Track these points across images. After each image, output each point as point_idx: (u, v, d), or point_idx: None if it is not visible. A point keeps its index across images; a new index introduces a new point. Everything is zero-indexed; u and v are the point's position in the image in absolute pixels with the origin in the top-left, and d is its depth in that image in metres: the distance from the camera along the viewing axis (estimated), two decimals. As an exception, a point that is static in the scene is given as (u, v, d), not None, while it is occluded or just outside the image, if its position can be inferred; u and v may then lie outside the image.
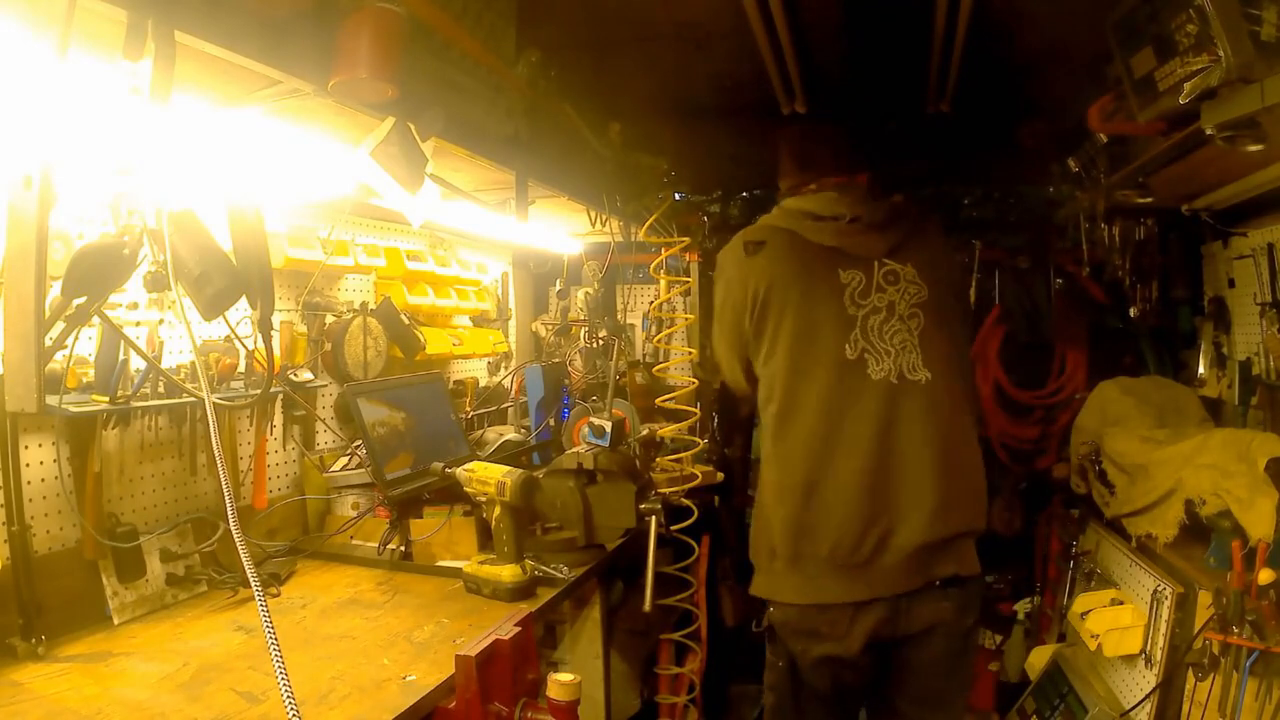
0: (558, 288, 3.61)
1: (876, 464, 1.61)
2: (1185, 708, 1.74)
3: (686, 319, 3.22)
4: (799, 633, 1.71)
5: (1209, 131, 1.42)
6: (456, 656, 1.30)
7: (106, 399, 1.58)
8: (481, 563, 1.80)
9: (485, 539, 1.97)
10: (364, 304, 2.48)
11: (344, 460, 2.27)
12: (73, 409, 1.53)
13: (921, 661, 1.71)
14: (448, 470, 1.95)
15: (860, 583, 1.63)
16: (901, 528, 1.60)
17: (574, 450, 2.07)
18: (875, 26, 1.88)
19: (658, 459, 2.61)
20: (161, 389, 1.70)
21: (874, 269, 1.68)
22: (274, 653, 0.88)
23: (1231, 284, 2.47)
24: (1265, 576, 1.58)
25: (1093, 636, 1.98)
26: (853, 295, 1.66)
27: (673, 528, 2.18)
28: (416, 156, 1.61)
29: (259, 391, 1.81)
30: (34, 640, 1.43)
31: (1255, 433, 1.91)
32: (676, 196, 2.98)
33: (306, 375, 2.18)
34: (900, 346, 1.65)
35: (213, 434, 1.12)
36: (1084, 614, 2.05)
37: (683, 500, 2.40)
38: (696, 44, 1.97)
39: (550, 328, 3.56)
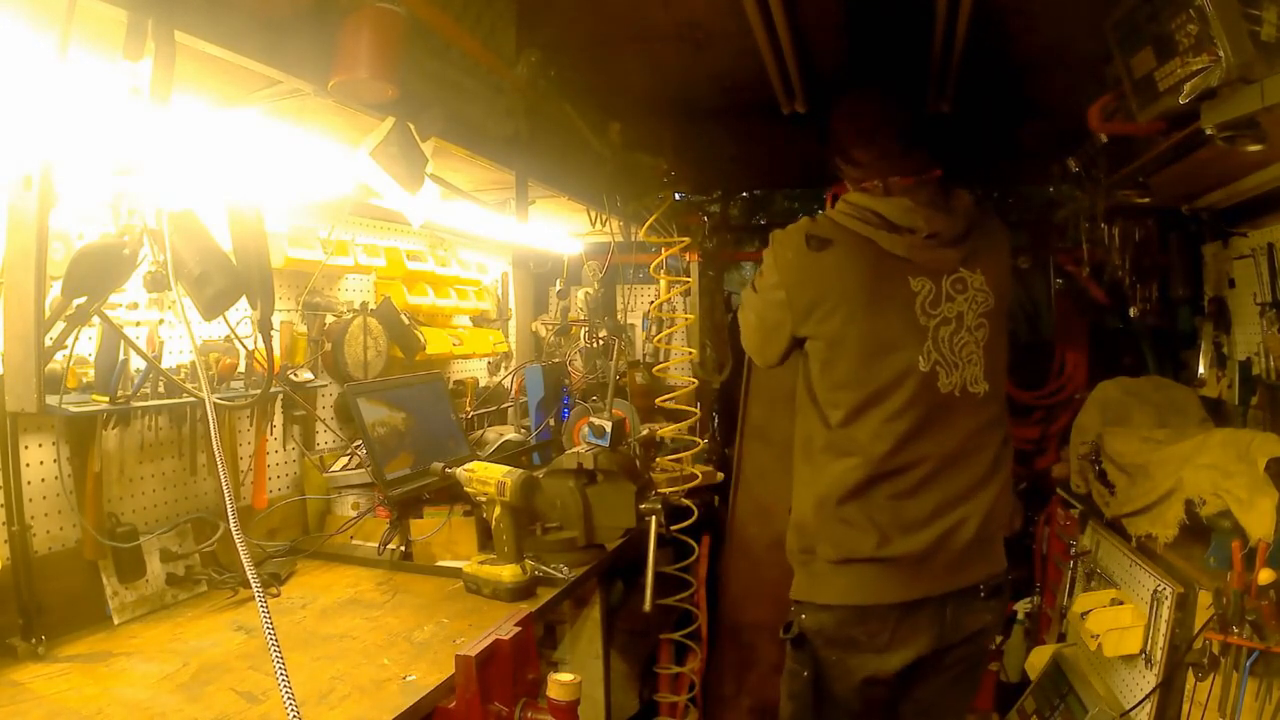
0: (558, 288, 3.61)
1: (936, 469, 1.56)
2: (1185, 708, 1.74)
3: (686, 319, 3.22)
4: (833, 642, 1.61)
5: (1209, 131, 1.42)
6: (456, 656, 1.30)
7: (106, 399, 1.58)
8: (481, 563, 1.80)
9: (485, 539, 1.97)
10: (364, 304, 2.48)
11: (344, 460, 2.27)
12: (73, 409, 1.53)
13: (943, 668, 1.64)
14: (448, 470, 1.95)
15: (911, 580, 1.56)
16: (960, 526, 1.56)
17: (574, 450, 2.07)
18: (875, 26, 1.88)
19: (658, 459, 2.62)
20: (161, 389, 1.70)
21: (943, 278, 1.58)
22: (274, 653, 0.87)
23: (1231, 284, 2.47)
24: (1265, 576, 1.58)
25: (1093, 636, 1.98)
26: (924, 305, 1.57)
27: (673, 528, 2.19)
28: (416, 156, 1.61)
29: (259, 391, 1.81)
30: (34, 640, 1.43)
31: (1255, 433, 1.91)
32: (676, 196, 2.98)
33: (306, 375, 2.18)
34: (967, 359, 1.58)
35: (213, 434, 1.12)
36: (1084, 614, 2.05)
37: (683, 500, 2.40)
38: (696, 44, 1.97)
39: (550, 328, 3.56)
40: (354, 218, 2.49)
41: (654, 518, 1.94)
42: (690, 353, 3.18)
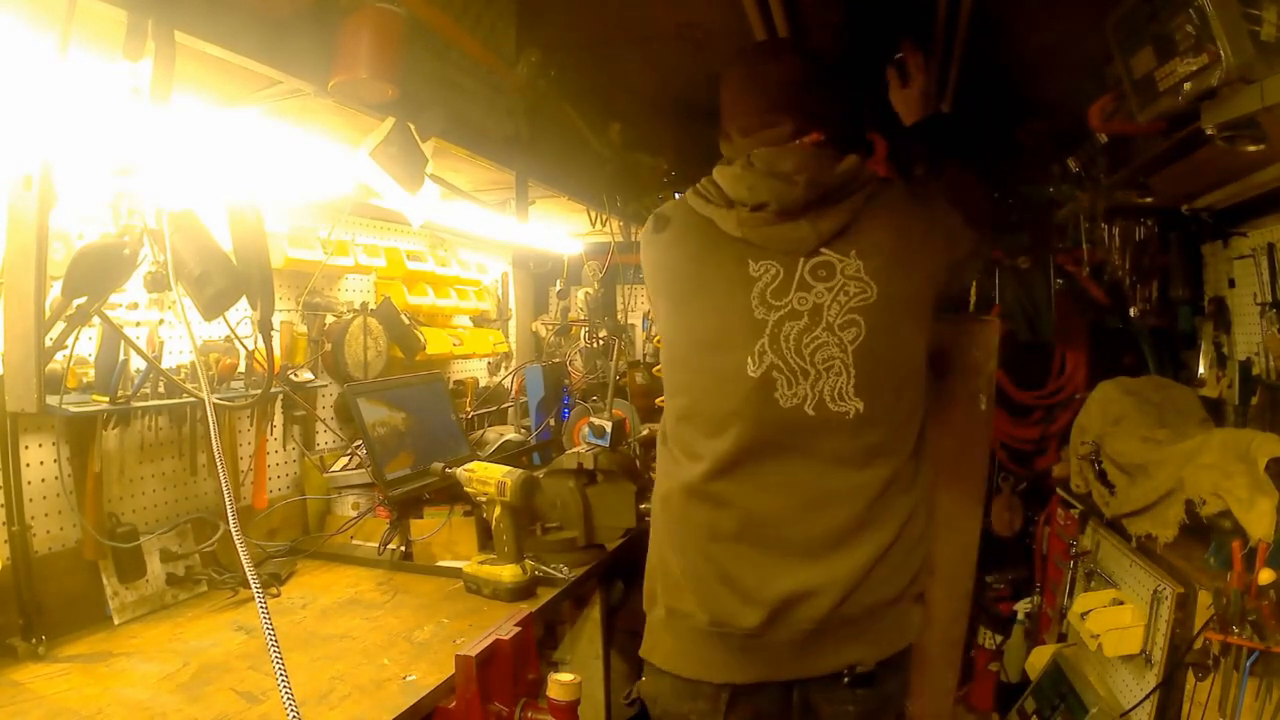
0: (558, 288, 3.61)
1: (778, 513, 1.23)
2: (1185, 708, 1.74)
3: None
4: (667, 716, 1.34)
5: (1209, 131, 1.42)
6: (456, 656, 1.30)
7: (106, 399, 1.58)
8: (481, 563, 1.80)
9: (485, 539, 1.97)
10: (364, 304, 2.47)
11: (344, 460, 2.27)
12: (73, 409, 1.53)
13: None
14: (448, 470, 1.95)
15: (744, 657, 1.25)
16: (804, 600, 1.21)
17: (574, 450, 2.07)
18: (875, 26, 1.88)
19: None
20: (161, 389, 1.70)
21: (798, 261, 1.23)
22: (274, 653, 0.87)
23: (1231, 284, 2.47)
24: (1265, 576, 1.58)
25: (1093, 636, 1.98)
26: (764, 294, 1.23)
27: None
28: (416, 156, 1.62)
29: (259, 391, 1.81)
30: (34, 640, 1.43)
31: (1255, 433, 1.90)
32: (676, 196, 2.98)
33: (306, 375, 2.18)
34: (824, 366, 1.21)
35: (213, 434, 1.12)
36: (1084, 614, 2.05)
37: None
38: (696, 44, 1.97)
39: (550, 328, 3.56)
40: (354, 218, 2.49)
41: (654, 518, 1.94)
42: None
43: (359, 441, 2.15)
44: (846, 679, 1.24)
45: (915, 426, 1.28)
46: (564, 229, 3.23)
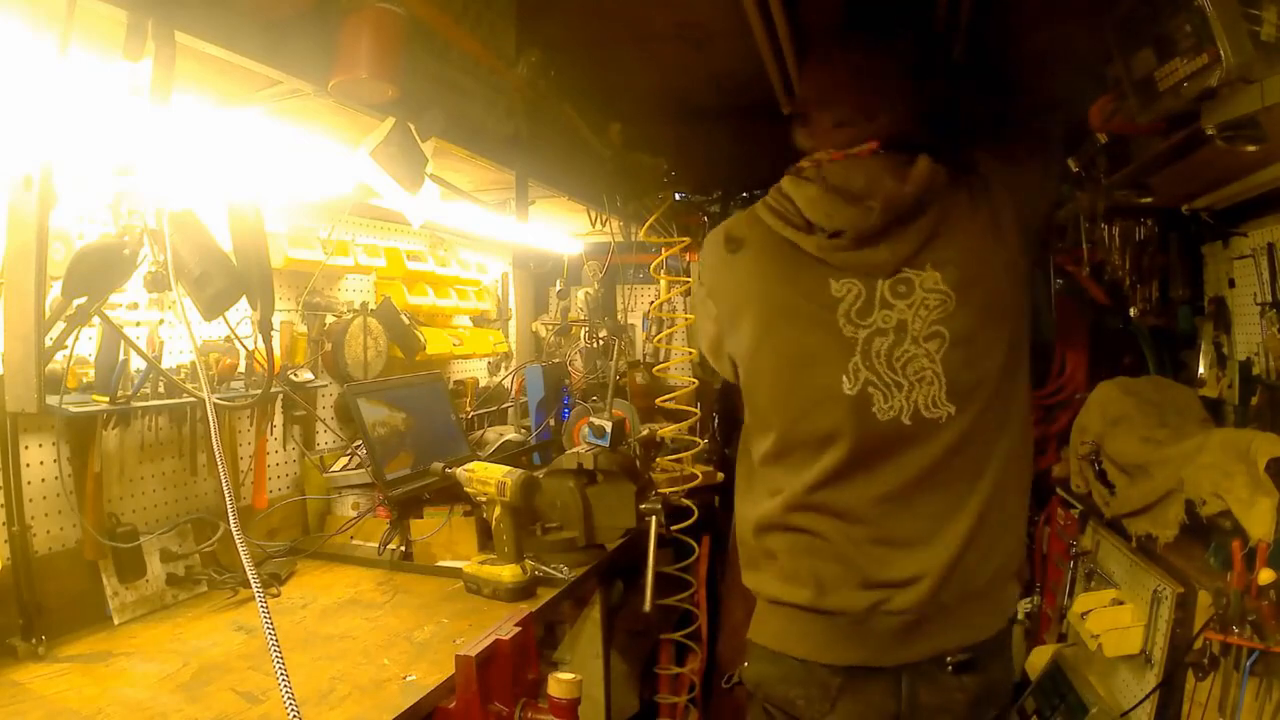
0: (558, 288, 3.61)
1: (879, 512, 1.26)
2: (1185, 708, 1.74)
3: (686, 319, 3.21)
4: (772, 700, 1.34)
5: (1209, 131, 1.42)
6: (456, 656, 1.30)
7: (106, 399, 1.58)
8: (481, 563, 1.80)
9: (485, 539, 1.97)
10: (364, 304, 2.48)
11: (344, 460, 2.27)
12: (73, 409, 1.53)
13: None
14: (448, 470, 1.95)
15: (850, 643, 1.28)
16: (906, 586, 1.25)
17: (574, 450, 2.07)
18: (875, 26, 1.88)
19: (658, 459, 2.62)
20: (162, 389, 1.70)
21: (878, 281, 1.26)
22: (274, 653, 0.87)
23: (1231, 284, 2.47)
24: (1265, 576, 1.58)
25: (1093, 636, 1.98)
26: (849, 314, 1.26)
27: (673, 528, 2.18)
28: (416, 156, 1.62)
29: (259, 391, 1.81)
30: (34, 640, 1.43)
31: (1255, 433, 1.90)
32: (676, 196, 2.98)
33: (306, 375, 2.18)
34: (917, 377, 1.24)
35: (213, 434, 1.12)
36: (1084, 614, 2.05)
37: (683, 500, 2.40)
38: (696, 44, 1.97)
39: (550, 328, 3.56)
40: (354, 218, 2.49)
41: (654, 518, 1.94)
42: (690, 353, 3.18)
43: (359, 441, 2.15)
44: (950, 666, 1.27)
45: (1009, 416, 1.29)
46: (564, 229, 3.23)
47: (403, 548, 2.01)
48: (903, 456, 1.25)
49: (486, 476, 1.81)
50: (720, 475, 2.91)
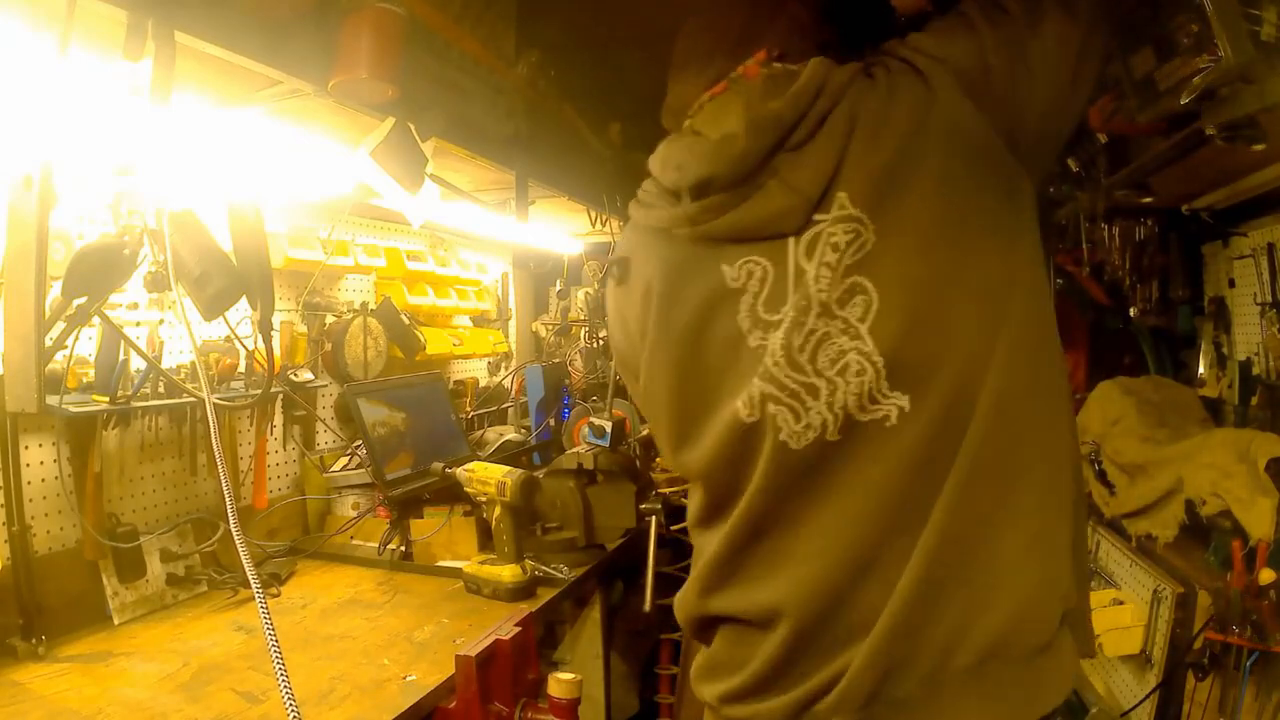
0: (558, 288, 3.61)
1: (821, 589, 0.84)
2: (1185, 708, 1.74)
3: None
4: None
5: (1209, 131, 1.41)
6: (457, 656, 1.30)
7: (106, 399, 1.58)
8: (482, 563, 1.80)
9: (485, 539, 1.97)
10: (364, 304, 2.48)
11: (344, 460, 2.27)
12: (73, 409, 1.53)
13: None
14: (448, 470, 1.95)
15: None
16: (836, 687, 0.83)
17: (574, 450, 2.07)
18: (872, 23, 1.88)
19: (658, 459, 2.61)
20: (162, 389, 1.70)
21: (788, 246, 0.84)
22: (274, 653, 0.87)
23: (1231, 284, 2.46)
24: (1265, 576, 1.58)
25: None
26: (754, 309, 0.86)
27: (673, 528, 2.18)
28: (416, 156, 1.62)
29: (259, 391, 1.81)
30: (34, 640, 1.43)
31: (1255, 433, 1.90)
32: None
33: (306, 375, 2.18)
34: (836, 368, 0.82)
35: (213, 434, 1.12)
36: (1084, 614, 2.05)
37: (683, 500, 2.40)
38: (697, 44, 1.97)
39: (550, 328, 3.56)
40: (354, 218, 2.49)
41: (654, 518, 1.93)
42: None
43: (359, 441, 2.14)
44: None
45: (1009, 395, 0.80)
46: (564, 229, 3.23)
47: (403, 548, 2.01)
48: (841, 489, 0.83)
49: (486, 476, 1.81)
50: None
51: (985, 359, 0.80)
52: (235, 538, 0.96)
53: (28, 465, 1.54)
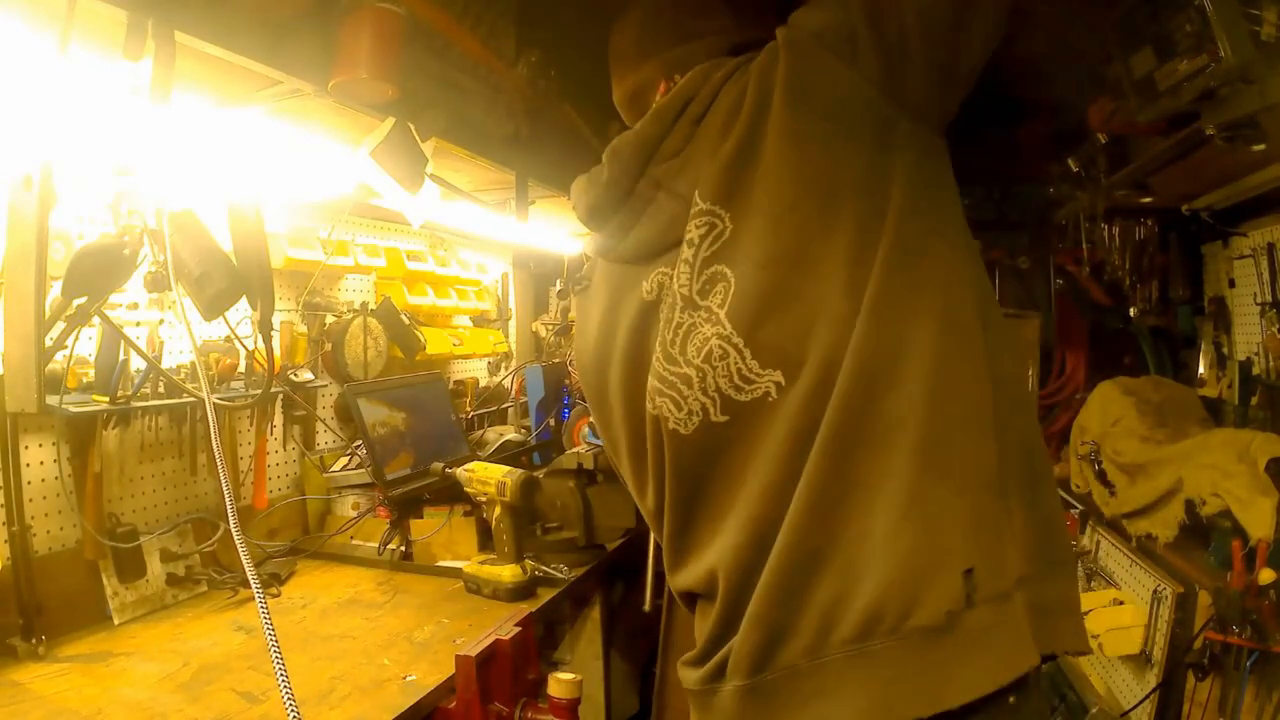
0: (558, 288, 3.61)
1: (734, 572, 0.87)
2: (1185, 708, 1.74)
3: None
4: None
5: (1209, 131, 1.42)
6: (457, 656, 1.30)
7: (106, 399, 1.58)
8: (482, 563, 1.80)
9: (485, 539, 1.97)
10: (364, 304, 2.48)
11: (344, 460, 2.27)
12: (73, 409, 1.53)
13: None
14: (448, 470, 1.95)
15: None
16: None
17: (574, 450, 2.07)
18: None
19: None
20: (162, 389, 1.70)
21: (683, 252, 0.89)
22: (274, 653, 0.87)
23: (1232, 284, 2.47)
24: (1265, 576, 1.58)
25: (1093, 637, 1.98)
26: (670, 319, 0.90)
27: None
28: (416, 156, 1.62)
29: (259, 391, 1.81)
30: (34, 640, 1.43)
31: (1255, 433, 1.90)
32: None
33: (306, 375, 2.18)
34: (704, 355, 0.86)
35: (213, 434, 1.12)
36: (1084, 614, 2.05)
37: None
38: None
39: (550, 328, 3.56)
40: (354, 218, 2.49)
41: (654, 518, 1.94)
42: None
43: (359, 441, 2.14)
44: None
45: (875, 357, 0.79)
46: (564, 229, 3.23)
47: (403, 548, 2.01)
48: (740, 467, 0.86)
49: (486, 476, 1.81)
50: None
51: (851, 322, 0.79)
52: (235, 538, 0.96)
53: (28, 465, 1.54)
